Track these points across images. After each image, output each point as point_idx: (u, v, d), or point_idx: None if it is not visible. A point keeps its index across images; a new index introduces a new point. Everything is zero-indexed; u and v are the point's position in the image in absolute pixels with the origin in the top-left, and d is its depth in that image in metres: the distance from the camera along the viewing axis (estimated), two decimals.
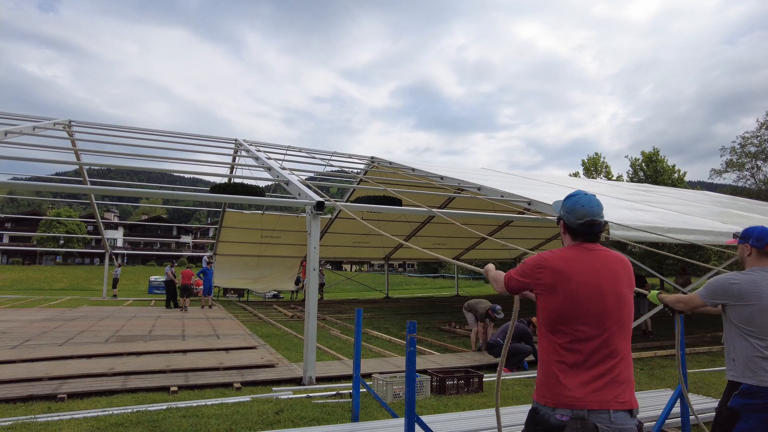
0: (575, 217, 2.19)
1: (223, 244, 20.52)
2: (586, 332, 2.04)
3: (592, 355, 2.03)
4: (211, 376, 6.75)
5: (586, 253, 2.15)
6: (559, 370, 2.05)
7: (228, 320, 13.81)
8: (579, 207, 2.19)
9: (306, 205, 7.48)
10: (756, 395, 2.75)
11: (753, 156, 30.03)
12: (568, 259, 2.13)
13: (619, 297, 2.10)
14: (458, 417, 4.61)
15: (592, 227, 2.17)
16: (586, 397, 1.98)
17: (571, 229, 2.22)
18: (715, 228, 10.21)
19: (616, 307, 2.08)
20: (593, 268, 2.11)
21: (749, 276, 2.90)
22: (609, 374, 2.02)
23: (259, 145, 16.88)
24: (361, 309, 4.92)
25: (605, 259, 2.15)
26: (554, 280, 2.10)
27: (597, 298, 2.06)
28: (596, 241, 2.21)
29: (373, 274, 47.15)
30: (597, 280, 2.08)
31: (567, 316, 2.06)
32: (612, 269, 2.13)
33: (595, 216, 2.17)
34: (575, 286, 2.06)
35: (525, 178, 17.37)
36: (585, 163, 42.26)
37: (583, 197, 2.22)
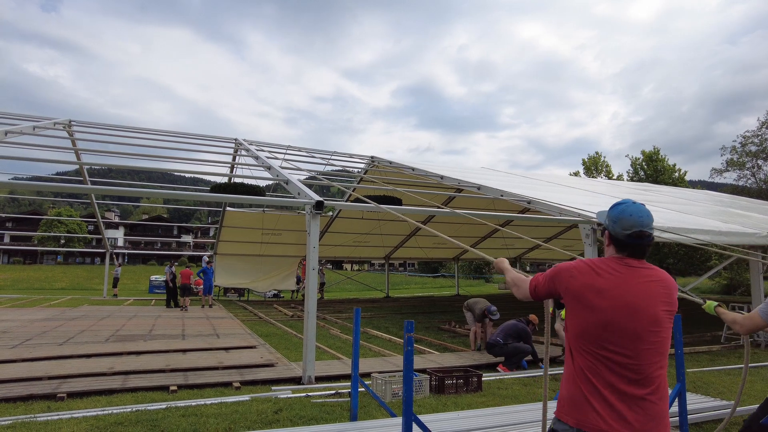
0: (621, 227, 2.01)
1: (223, 244, 20.54)
2: (614, 354, 1.89)
3: (620, 381, 1.87)
4: (210, 376, 6.75)
5: (626, 268, 1.99)
6: (585, 391, 1.91)
7: (228, 320, 13.82)
8: (627, 216, 2.01)
9: (305, 204, 7.48)
10: None
11: (754, 155, 30.00)
12: (603, 270, 1.98)
13: (654, 319, 1.92)
14: (457, 416, 4.61)
15: (641, 239, 1.99)
16: (610, 425, 1.82)
17: (616, 241, 2.04)
18: (715, 227, 10.20)
19: (650, 330, 1.91)
20: (629, 284, 1.94)
21: None
22: (639, 405, 1.85)
23: (259, 144, 16.88)
24: (359, 309, 4.93)
25: (646, 277, 1.98)
26: (584, 291, 1.96)
27: (627, 317, 1.89)
28: (643, 256, 2.03)
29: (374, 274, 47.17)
30: (631, 297, 1.92)
31: (591, 332, 1.93)
32: (651, 289, 1.96)
33: (645, 227, 1.99)
34: (606, 303, 1.91)
35: (525, 178, 17.36)
36: (585, 163, 42.19)
37: (631, 206, 2.04)
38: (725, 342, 10.28)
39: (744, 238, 10.15)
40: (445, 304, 20.42)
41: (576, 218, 9.05)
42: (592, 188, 17.01)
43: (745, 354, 3.40)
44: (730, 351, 9.62)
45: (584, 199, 12.78)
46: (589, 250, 8.75)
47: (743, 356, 8.66)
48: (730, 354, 9.31)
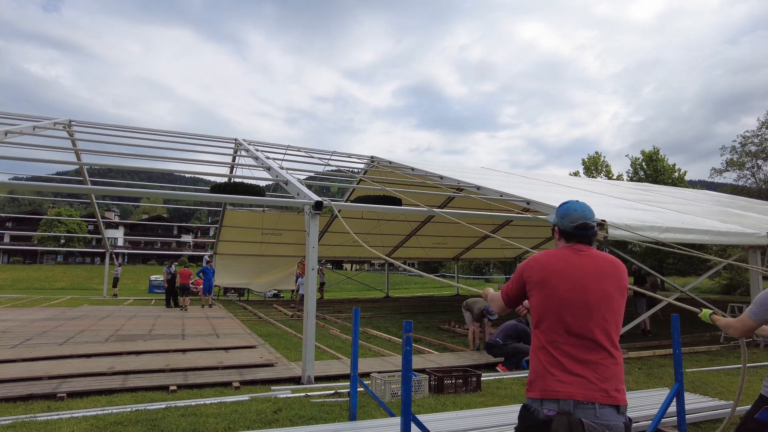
0: (569, 220, 2.30)
1: (223, 243, 20.55)
2: (570, 326, 2.10)
3: (576, 349, 2.08)
4: (210, 376, 6.77)
5: (575, 253, 2.25)
6: (546, 364, 2.10)
7: (228, 319, 13.84)
8: (572, 211, 2.31)
9: (304, 204, 7.50)
10: None
11: (753, 155, 30.00)
12: (555, 256, 2.24)
13: (604, 294, 2.14)
14: (455, 416, 4.63)
15: (586, 229, 2.27)
16: (571, 389, 2.02)
17: (565, 233, 2.33)
18: (714, 227, 10.21)
19: (601, 303, 2.13)
20: (579, 265, 2.19)
21: None
22: (594, 368, 2.05)
23: (258, 144, 16.90)
24: (358, 309, 4.94)
25: (593, 258, 2.23)
26: (541, 277, 2.19)
27: (579, 292, 2.12)
28: (589, 244, 2.30)
29: (374, 274, 47.19)
30: (581, 275, 2.16)
31: (551, 310, 2.14)
32: (599, 267, 2.19)
33: (588, 219, 2.28)
34: (558, 282, 2.15)
35: (525, 178, 17.37)
36: (585, 162, 42.22)
37: (575, 203, 2.35)
38: (724, 342, 10.29)
39: (742, 238, 10.16)
40: (444, 304, 20.43)
41: None
42: (591, 188, 17.02)
43: (743, 355, 3.45)
44: (729, 351, 9.63)
45: (584, 199, 12.73)
46: None
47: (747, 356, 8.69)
48: (729, 354, 9.33)
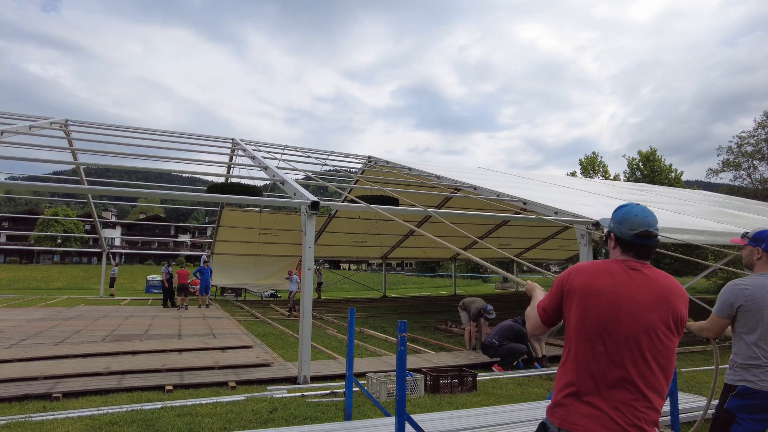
0: (628, 227, 1.96)
1: (220, 243, 20.55)
2: (603, 356, 1.83)
3: (604, 385, 1.82)
4: (206, 375, 6.77)
5: (627, 270, 1.91)
6: (570, 391, 1.88)
7: (225, 319, 13.84)
8: (632, 216, 1.97)
9: (301, 204, 7.50)
10: (752, 396, 2.76)
11: (749, 156, 30.12)
12: (602, 271, 1.92)
13: (649, 327, 1.83)
14: (450, 415, 4.64)
15: (648, 239, 1.94)
16: (591, 424, 1.79)
17: (622, 242, 1.98)
18: (710, 228, 10.25)
19: (642, 337, 1.82)
20: (628, 287, 1.87)
21: (758, 280, 2.90)
22: (621, 411, 1.79)
23: (255, 144, 16.89)
24: (353, 309, 4.95)
25: (648, 281, 1.90)
26: (583, 292, 1.90)
27: (619, 320, 1.83)
28: (648, 257, 1.97)
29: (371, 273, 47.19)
30: (626, 300, 1.85)
31: (585, 332, 1.87)
32: (652, 293, 1.87)
33: (651, 227, 1.94)
34: (599, 303, 1.86)
35: (521, 178, 17.41)
36: (582, 163, 42.36)
37: (636, 207, 2.01)
38: (719, 342, 10.32)
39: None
40: (442, 303, 20.45)
41: (571, 218, 9.09)
42: (588, 188, 17.07)
43: (715, 356, 3.57)
44: (724, 350, 9.66)
45: (580, 199, 12.83)
46: (585, 251, 8.79)
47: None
48: (724, 353, 9.35)
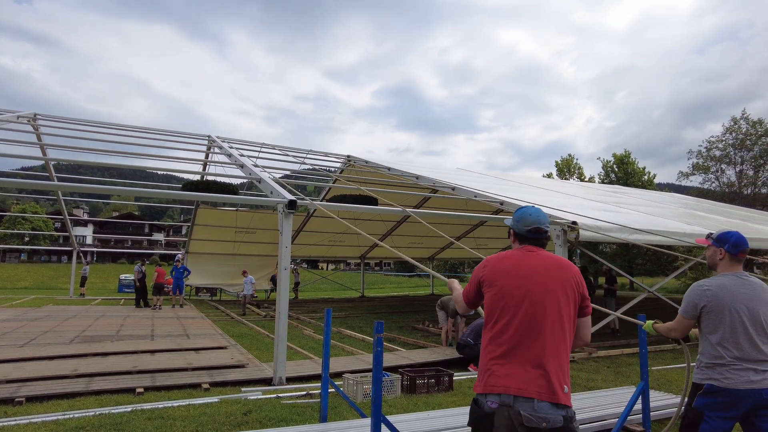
0: (524, 224, 2.41)
1: (195, 242, 20.19)
2: (511, 321, 2.17)
3: (518, 345, 2.14)
4: (179, 377, 6.62)
5: (525, 253, 2.35)
6: (490, 359, 2.19)
7: (199, 320, 13.60)
8: (527, 216, 2.42)
9: (278, 203, 7.40)
10: (718, 394, 2.81)
11: (718, 160, 31.01)
12: (506, 257, 2.35)
13: (547, 291, 2.20)
14: (427, 416, 4.63)
15: (538, 234, 2.39)
16: (510, 384, 2.09)
17: (519, 236, 2.44)
18: (681, 229, 10.49)
19: (544, 300, 2.18)
20: (525, 264, 2.29)
21: (720, 280, 2.97)
22: (534, 364, 2.11)
23: (232, 141, 16.64)
24: (330, 309, 4.89)
25: (540, 258, 2.31)
26: (492, 276, 2.30)
27: (523, 289, 2.20)
28: (541, 246, 2.40)
29: (349, 273, 47.04)
30: (527, 273, 2.25)
31: (496, 306, 2.23)
32: (546, 267, 2.27)
33: (541, 224, 2.39)
34: (506, 279, 2.25)
35: (499, 179, 17.56)
36: (558, 165, 42.95)
37: (531, 208, 2.46)
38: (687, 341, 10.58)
39: None
40: (419, 303, 20.50)
41: None
42: (563, 190, 17.31)
43: (686, 355, 3.79)
44: (692, 349, 9.90)
45: (556, 200, 12.99)
46: (560, 251, 8.89)
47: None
48: (692, 352, 9.59)
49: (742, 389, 2.76)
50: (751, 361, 2.80)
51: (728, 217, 15.76)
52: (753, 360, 2.80)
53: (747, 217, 17.11)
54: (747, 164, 30.09)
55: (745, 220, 15.56)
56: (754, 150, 29.49)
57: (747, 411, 2.79)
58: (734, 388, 2.77)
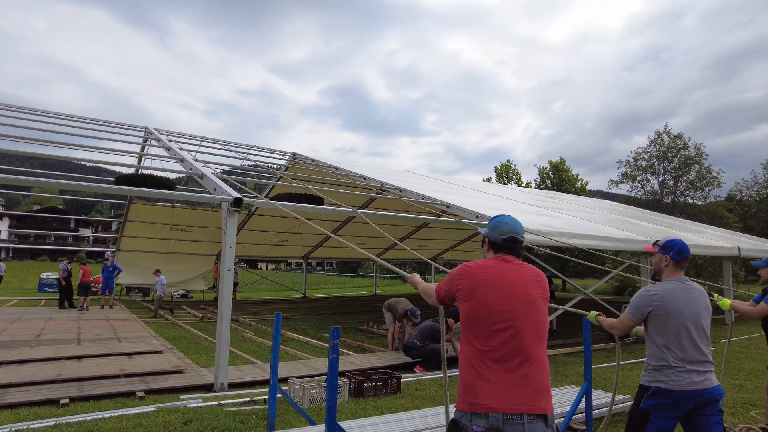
0: (499, 233, 2.40)
1: (127, 239, 19.04)
2: (498, 334, 2.14)
3: (506, 359, 2.10)
4: (110, 385, 6.16)
5: (503, 263, 2.34)
6: (475, 375, 2.12)
7: (131, 321, 12.82)
8: (503, 225, 2.41)
9: (222, 201, 7.08)
10: (665, 396, 2.93)
11: (643, 170, 33.14)
12: (485, 267, 2.31)
13: (530, 299, 2.21)
14: (377, 421, 4.56)
15: (514, 243, 2.38)
16: (499, 401, 2.03)
17: (494, 245, 2.42)
18: (613, 234, 11.08)
19: (528, 309, 2.19)
20: (506, 273, 2.27)
21: (667, 286, 3.08)
22: (524, 379, 2.08)
23: (171, 134, 15.86)
24: (279, 313, 4.72)
25: (519, 268, 2.33)
26: (471, 286, 2.25)
27: (507, 299, 2.18)
28: (517, 256, 2.40)
29: (290, 273, 46.21)
30: (509, 282, 2.24)
31: (480, 318, 2.18)
32: (525, 276, 2.29)
33: (516, 233, 2.39)
34: (487, 291, 2.21)
35: (443, 182, 17.85)
36: (498, 170, 44.41)
37: (506, 217, 2.46)
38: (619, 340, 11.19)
39: (637, 245, 11.11)
40: (363, 303, 20.44)
41: None
42: (503, 194, 17.86)
43: (617, 353, 3.95)
44: (623, 347, 10.47)
45: (497, 204, 13.36)
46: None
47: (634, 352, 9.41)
48: (623, 350, 10.14)
49: (686, 390, 2.89)
50: (694, 362, 2.94)
51: (653, 223, 16.86)
52: (696, 362, 2.94)
53: (668, 223, 18.39)
54: (668, 175, 32.38)
55: (668, 226, 16.72)
56: (674, 162, 31.79)
57: (689, 410, 2.93)
58: (679, 390, 2.90)
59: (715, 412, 2.93)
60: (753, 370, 7.84)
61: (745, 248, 14.89)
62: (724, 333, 12.01)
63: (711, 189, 31.14)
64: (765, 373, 7.52)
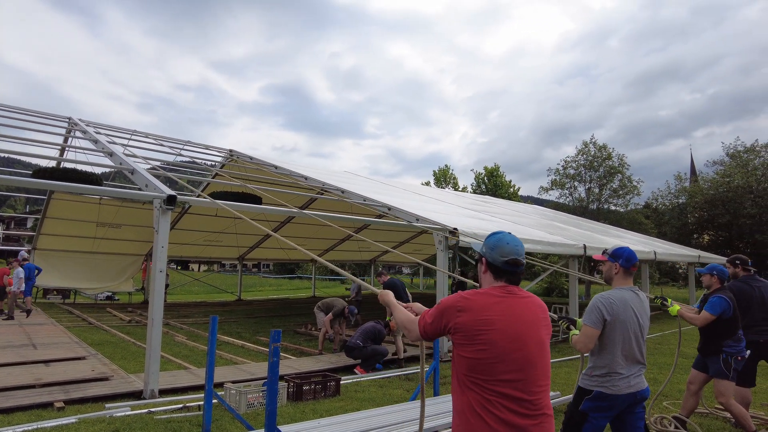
0: (499, 254, 2.08)
1: (46, 238, 17.65)
2: (508, 385, 1.90)
3: (513, 413, 1.88)
4: (24, 396, 5.68)
5: (508, 296, 2.03)
6: (478, 428, 1.90)
7: (48, 326, 11.91)
8: (504, 244, 2.09)
9: (155, 198, 6.74)
10: (605, 399, 3.08)
11: (572, 178, 35.11)
12: (488, 303, 1.98)
13: (540, 343, 1.99)
14: (317, 424, 4.51)
15: (516, 266, 2.06)
16: None
17: (493, 267, 2.10)
18: (544, 238, 11.62)
19: (539, 355, 1.97)
20: (514, 312, 1.98)
21: (620, 293, 3.19)
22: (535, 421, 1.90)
23: (98, 126, 14.92)
24: (216, 316, 4.56)
25: (527, 304, 2.05)
26: (473, 327, 1.94)
27: (520, 347, 1.93)
28: (518, 283, 2.11)
29: (224, 275, 44.71)
30: (517, 323, 1.96)
31: (485, 365, 1.91)
32: (533, 313, 2.03)
33: (519, 255, 2.07)
34: (494, 334, 1.92)
35: (385, 184, 18.00)
36: (436, 174, 45.44)
37: (507, 235, 2.14)
38: (556, 337, 11.78)
39: (565, 249, 11.73)
40: (301, 306, 20.15)
41: (432, 225, 9.59)
42: (441, 198, 18.29)
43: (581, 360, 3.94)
44: (560, 344, 11.02)
45: (436, 207, 13.66)
46: (442, 255, 9.33)
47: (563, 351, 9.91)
48: (561, 347, 10.67)
49: (624, 394, 3.07)
50: (634, 366, 3.13)
51: (580, 228, 17.88)
52: (636, 365, 3.14)
53: (593, 228, 19.58)
54: (594, 183, 34.48)
55: (594, 231, 17.79)
56: (599, 171, 33.90)
57: (623, 409, 3.12)
58: (619, 394, 3.07)
59: (640, 408, 3.15)
60: (665, 364, 8.49)
61: (660, 252, 16.13)
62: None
63: (632, 197, 33.53)
64: (676, 367, 8.18)
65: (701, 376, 4.98)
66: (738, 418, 4.70)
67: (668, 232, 29.48)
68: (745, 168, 28.24)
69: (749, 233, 27.07)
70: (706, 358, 4.88)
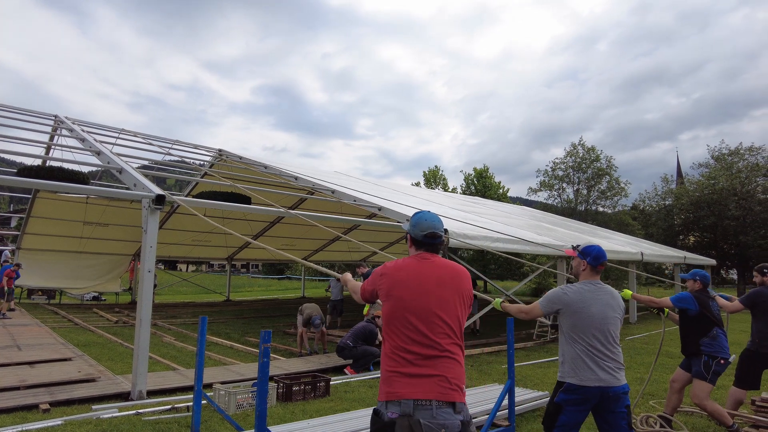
0: (419, 229, 2.49)
1: (31, 237, 17.40)
2: (413, 330, 2.27)
3: (418, 352, 2.25)
4: (7, 399, 5.59)
5: (421, 261, 2.44)
6: (391, 368, 2.28)
7: (33, 327, 11.73)
8: (423, 221, 2.51)
9: (143, 198, 6.68)
10: (575, 391, 3.18)
11: (560, 179, 35.42)
12: (403, 267, 2.43)
13: (442, 299, 2.34)
14: (307, 425, 4.50)
15: (433, 238, 2.48)
16: (409, 390, 2.19)
17: (415, 241, 2.52)
18: (533, 239, 11.70)
19: (439, 308, 2.31)
20: (422, 273, 2.38)
21: (578, 288, 3.34)
22: (434, 370, 2.23)
23: (85, 125, 14.75)
24: (206, 317, 4.53)
25: (436, 266, 2.43)
26: (389, 286, 2.38)
27: (421, 298, 2.31)
28: (436, 252, 2.51)
29: (213, 275, 44.42)
30: (422, 283, 2.35)
31: (396, 317, 2.32)
32: (439, 275, 2.39)
33: (436, 229, 2.49)
34: (403, 290, 2.34)
35: (375, 185, 17.98)
36: (426, 175, 45.52)
37: (427, 213, 2.56)
38: (537, 339, 11.85)
39: (554, 250, 11.82)
40: (290, 306, 20.08)
41: None
42: (431, 198, 18.34)
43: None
44: (541, 346, 11.10)
45: (425, 207, 13.67)
46: None
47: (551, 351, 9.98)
48: (540, 349, 10.75)
49: (592, 387, 3.15)
50: (600, 359, 3.19)
51: (568, 229, 18.03)
52: (601, 358, 3.19)
53: (581, 230, 19.75)
54: (582, 184, 34.80)
55: (580, 232, 17.94)
56: (587, 172, 34.22)
57: (596, 405, 3.20)
58: (586, 386, 3.16)
59: (621, 407, 3.19)
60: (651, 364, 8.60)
61: (647, 253, 16.32)
62: (632, 331, 13.09)
63: (619, 198, 33.89)
64: (662, 366, 8.28)
65: (685, 375, 5.06)
66: (713, 415, 4.79)
67: (655, 234, 29.87)
68: (730, 170, 28.69)
69: (734, 234, 27.51)
70: (690, 359, 4.98)
